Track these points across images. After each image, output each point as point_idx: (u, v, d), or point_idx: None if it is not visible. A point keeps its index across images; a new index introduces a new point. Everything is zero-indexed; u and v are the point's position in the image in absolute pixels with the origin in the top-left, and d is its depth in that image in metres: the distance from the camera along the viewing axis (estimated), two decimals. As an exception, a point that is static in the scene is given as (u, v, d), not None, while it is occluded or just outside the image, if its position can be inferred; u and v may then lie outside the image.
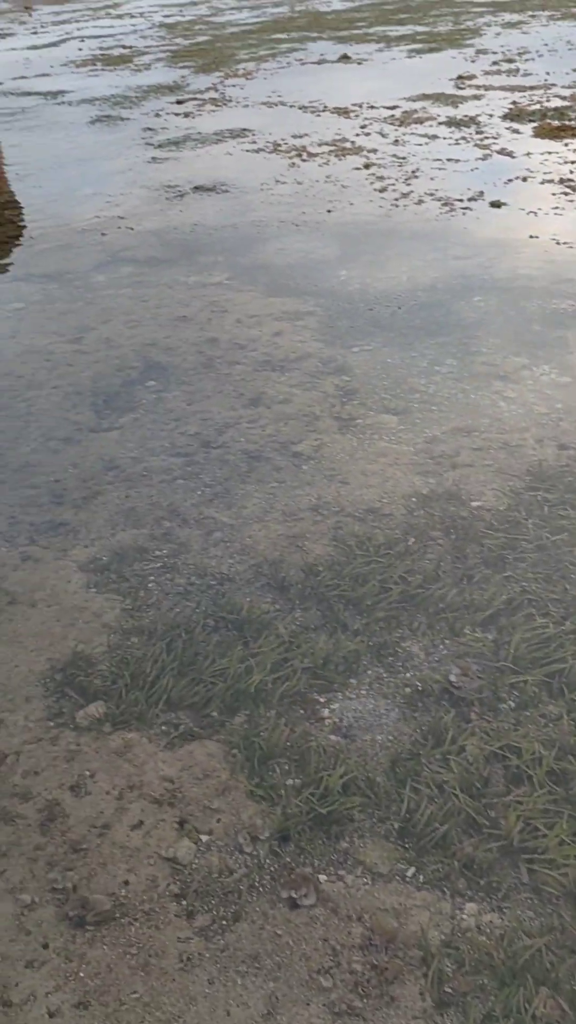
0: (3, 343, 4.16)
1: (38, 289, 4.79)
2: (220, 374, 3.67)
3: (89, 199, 6.32)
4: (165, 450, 3.18)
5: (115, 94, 10.44)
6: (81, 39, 17.00)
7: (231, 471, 3.02)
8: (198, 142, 7.70)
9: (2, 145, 8.41)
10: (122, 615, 2.43)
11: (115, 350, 3.97)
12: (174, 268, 4.87)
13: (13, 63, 14.37)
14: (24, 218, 6.07)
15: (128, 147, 7.78)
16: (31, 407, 3.57)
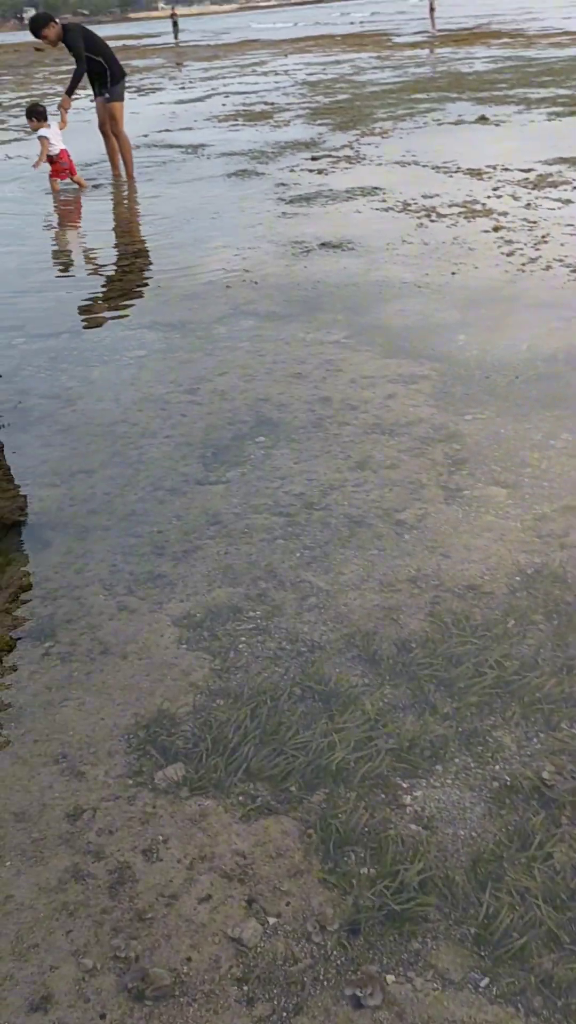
0: (123, 390, 4.27)
1: (161, 338, 4.91)
2: (329, 434, 3.66)
3: (218, 251, 6.48)
4: (268, 508, 3.18)
5: (253, 149, 10.74)
6: (226, 95, 17.63)
7: (332, 535, 3.00)
8: (329, 199, 7.83)
9: (141, 196, 8.74)
10: (210, 675, 2.41)
11: (229, 403, 4.02)
12: (293, 324, 4.92)
13: (160, 116, 15.00)
14: (155, 267, 6.26)
15: (260, 201, 7.97)
16: (143, 455, 3.63)
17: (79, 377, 4.47)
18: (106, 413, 4.04)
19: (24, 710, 2.35)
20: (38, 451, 3.74)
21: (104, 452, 3.68)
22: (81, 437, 3.83)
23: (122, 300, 5.68)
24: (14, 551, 3.11)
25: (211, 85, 20.44)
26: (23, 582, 2.89)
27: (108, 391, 4.27)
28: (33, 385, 4.41)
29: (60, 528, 3.19)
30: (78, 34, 8.99)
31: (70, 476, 3.52)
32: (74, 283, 6.22)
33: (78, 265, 6.78)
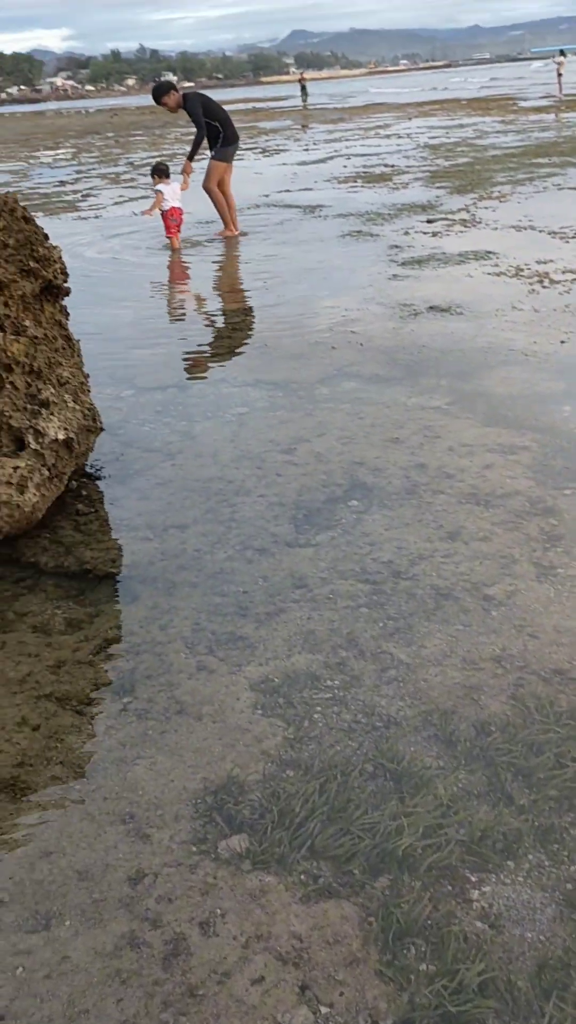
0: (222, 446, 4.34)
1: (264, 396, 4.98)
2: (423, 502, 3.63)
3: (326, 311, 6.56)
4: (355, 574, 3.16)
5: (369, 211, 10.89)
6: (347, 157, 17.98)
7: (417, 606, 2.95)
8: (441, 262, 7.85)
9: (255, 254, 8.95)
10: (283, 744, 2.39)
11: (324, 465, 4.03)
12: (395, 387, 4.93)
13: (281, 177, 15.38)
14: (263, 325, 6.38)
15: (373, 263, 8.06)
16: (235, 513, 3.67)
17: (181, 432, 4.57)
18: (204, 469, 4.10)
19: (97, 765, 2.37)
20: (135, 504, 3.82)
21: (198, 508, 3.74)
22: (177, 492, 3.90)
23: (229, 357, 5.80)
24: (104, 602, 3.17)
25: (334, 147, 20.91)
26: (109, 634, 2.94)
27: (208, 447, 4.35)
28: (137, 438, 4.53)
29: (149, 582, 3.24)
30: (196, 101, 9.47)
31: (163, 530, 3.58)
32: (184, 338, 6.39)
33: (189, 320, 6.96)
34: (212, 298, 7.61)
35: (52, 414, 3.62)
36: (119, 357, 5.90)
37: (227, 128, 9.64)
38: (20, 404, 3.57)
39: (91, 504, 3.86)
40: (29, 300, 3.75)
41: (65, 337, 3.96)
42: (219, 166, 9.74)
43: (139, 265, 9.08)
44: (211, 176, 9.70)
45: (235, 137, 9.78)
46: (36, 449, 3.53)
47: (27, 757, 2.41)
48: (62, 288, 3.94)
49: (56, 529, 3.66)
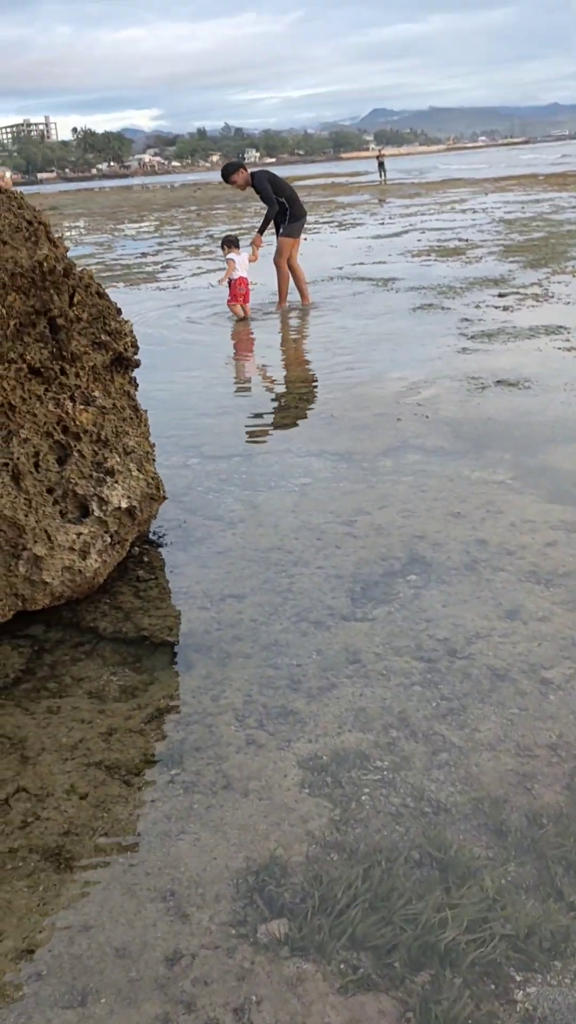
0: (283, 516, 4.37)
1: (328, 466, 5.02)
2: (482, 578, 3.59)
3: (393, 383, 6.61)
4: (410, 651, 3.12)
5: (442, 284, 11.01)
6: (422, 231, 18.25)
7: (472, 687, 2.90)
8: (511, 336, 7.87)
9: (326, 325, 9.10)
10: (328, 825, 2.35)
11: (384, 538, 4.02)
12: (459, 461, 4.91)
13: (356, 250, 15.68)
14: (330, 396, 6.45)
15: (442, 336, 8.12)
16: (292, 584, 3.68)
17: (244, 500, 4.62)
18: (264, 538, 4.13)
19: (142, 838, 2.36)
20: (194, 572, 3.86)
21: (256, 578, 3.75)
22: (236, 561, 3.93)
23: (295, 427, 5.86)
24: (159, 670, 3.19)
25: (409, 221, 21.27)
26: (161, 703, 2.95)
27: (269, 516, 4.38)
28: (200, 506, 4.59)
29: (204, 651, 3.25)
30: (264, 178, 9.92)
31: (220, 600, 3.60)
32: (252, 407, 6.49)
33: (257, 390, 7.09)
34: (280, 368, 7.74)
35: (117, 482, 3.70)
36: (187, 425, 6.02)
37: (293, 205, 10.03)
38: (87, 472, 3.66)
39: (152, 571, 3.91)
40: (100, 371, 3.87)
41: (133, 407, 4.06)
42: (288, 242, 10.12)
43: (212, 334, 9.31)
44: (282, 253, 10.05)
45: (302, 213, 10.16)
46: (100, 516, 3.61)
47: (73, 826, 2.42)
48: (132, 360, 4.05)
49: (116, 595, 3.71)
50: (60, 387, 3.69)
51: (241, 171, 10.00)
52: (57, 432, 3.65)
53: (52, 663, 3.27)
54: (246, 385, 7.29)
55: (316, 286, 11.81)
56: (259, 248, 10.10)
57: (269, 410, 6.43)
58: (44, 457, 3.59)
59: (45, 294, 3.58)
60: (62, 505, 3.59)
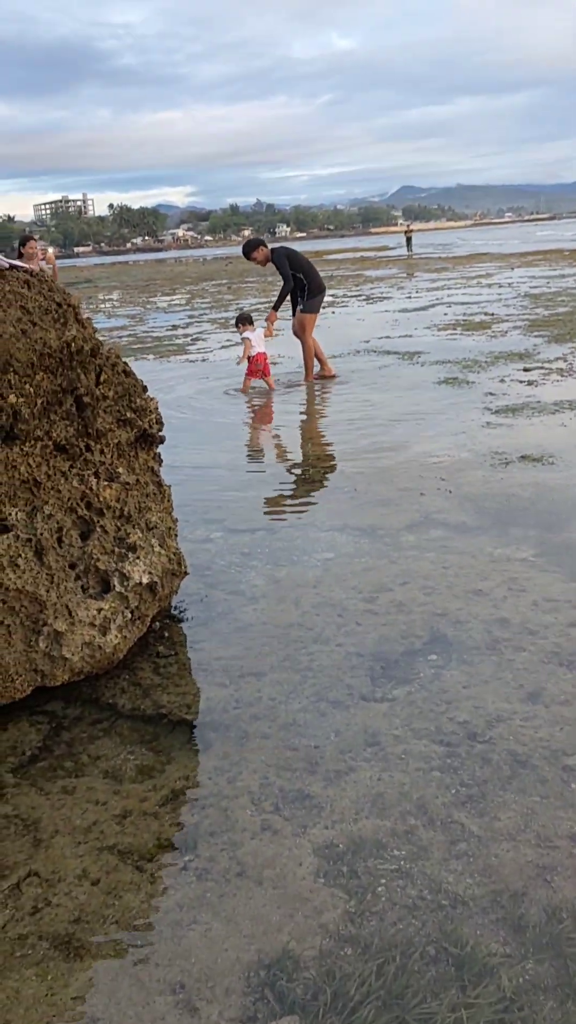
0: (304, 592, 4.36)
1: (350, 541, 5.02)
2: (503, 659, 3.55)
3: (418, 458, 6.64)
4: (430, 734, 3.08)
5: (467, 358, 11.11)
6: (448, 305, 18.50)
7: (492, 772, 2.84)
8: (535, 410, 7.90)
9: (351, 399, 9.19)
10: (343, 917, 2.30)
11: (405, 615, 4.00)
12: (482, 537, 4.90)
13: (383, 323, 15.91)
14: (354, 470, 6.49)
15: (466, 410, 8.17)
16: (312, 662, 3.66)
17: (266, 575, 4.62)
18: (285, 614, 4.12)
19: (153, 927, 2.32)
20: (214, 648, 3.86)
21: (276, 655, 3.74)
22: (257, 637, 3.92)
23: (319, 501, 5.89)
24: (176, 749, 3.17)
25: (436, 295, 21.59)
26: (177, 785, 2.92)
27: (291, 592, 4.38)
28: (222, 580, 4.60)
29: (222, 730, 3.23)
30: (283, 255, 10.26)
31: (240, 677, 3.59)
32: (276, 480, 6.54)
33: (282, 463, 7.15)
34: (305, 441, 7.81)
35: (138, 558, 3.73)
36: (212, 498, 6.07)
37: (312, 280, 10.31)
38: (108, 547, 3.70)
39: (172, 646, 3.91)
40: (124, 448, 3.93)
41: (156, 483, 4.11)
42: (310, 317, 10.38)
43: (238, 408, 9.43)
44: (306, 327, 10.29)
45: (320, 288, 10.43)
46: (121, 592, 3.63)
47: (84, 913, 2.38)
48: (156, 437, 4.11)
49: (136, 670, 3.71)
50: (85, 463, 3.75)
51: (261, 248, 10.41)
52: (81, 508, 3.69)
53: (70, 740, 3.26)
54: (270, 458, 7.35)
55: (342, 359, 11.97)
56: (274, 324, 10.38)
57: (293, 483, 6.47)
58: (67, 532, 3.63)
59: (72, 373, 3.66)
60: (84, 580, 3.61)
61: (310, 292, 10.32)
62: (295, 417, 8.90)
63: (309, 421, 8.64)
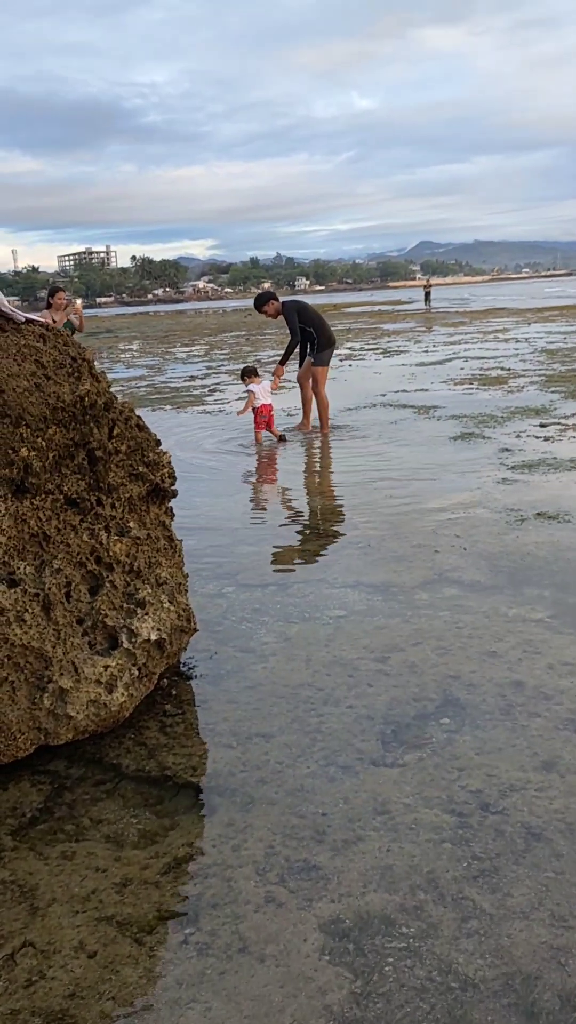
0: (316, 650, 4.30)
1: (363, 599, 4.96)
2: (517, 724, 3.46)
3: (432, 513, 6.60)
4: (441, 803, 2.99)
5: (483, 413, 11.12)
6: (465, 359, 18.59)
7: (505, 846, 2.75)
8: (552, 467, 7.86)
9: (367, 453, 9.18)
10: (348, 999, 2.20)
11: (417, 677, 3.93)
12: (496, 596, 4.84)
13: (399, 377, 15.99)
14: (368, 525, 6.45)
15: (482, 466, 8.14)
16: (322, 724, 3.58)
17: (277, 632, 4.56)
18: (295, 673, 4.06)
19: (150, 1005, 2.23)
20: (222, 707, 3.79)
21: (285, 716, 3.67)
22: (266, 697, 3.85)
23: (332, 556, 5.84)
24: (180, 813, 3.09)
25: (453, 349, 21.72)
26: (180, 852, 2.84)
27: (301, 650, 4.31)
28: (233, 636, 4.54)
29: (228, 794, 3.15)
30: (292, 309, 10.44)
31: (247, 739, 3.51)
32: (290, 534, 6.51)
33: (296, 517, 7.11)
34: (319, 495, 7.79)
35: (147, 614, 3.68)
36: (225, 552, 6.03)
37: (322, 333, 10.48)
38: (117, 603, 3.66)
39: (179, 705, 3.84)
40: (136, 502, 3.91)
41: (168, 538, 4.08)
42: (321, 370, 10.53)
43: (254, 460, 9.44)
44: (319, 381, 10.47)
45: (330, 342, 10.60)
46: (129, 648, 3.58)
47: (79, 988, 2.30)
48: (168, 491, 4.09)
49: (142, 729, 3.65)
50: (96, 518, 3.73)
51: (272, 302, 10.62)
52: (90, 562, 3.66)
53: (71, 802, 3.19)
54: (283, 511, 7.32)
55: (358, 412, 12.01)
56: (280, 378, 10.59)
57: (306, 538, 6.43)
58: (76, 587, 3.59)
59: (85, 427, 3.66)
60: (91, 636, 3.57)
61: (320, 345, 10.50)
62: (309, 470, 8.89)
63: (323, 474, 8.62)
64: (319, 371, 10.54)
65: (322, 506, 7.35)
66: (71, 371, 3.67)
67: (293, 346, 10.51)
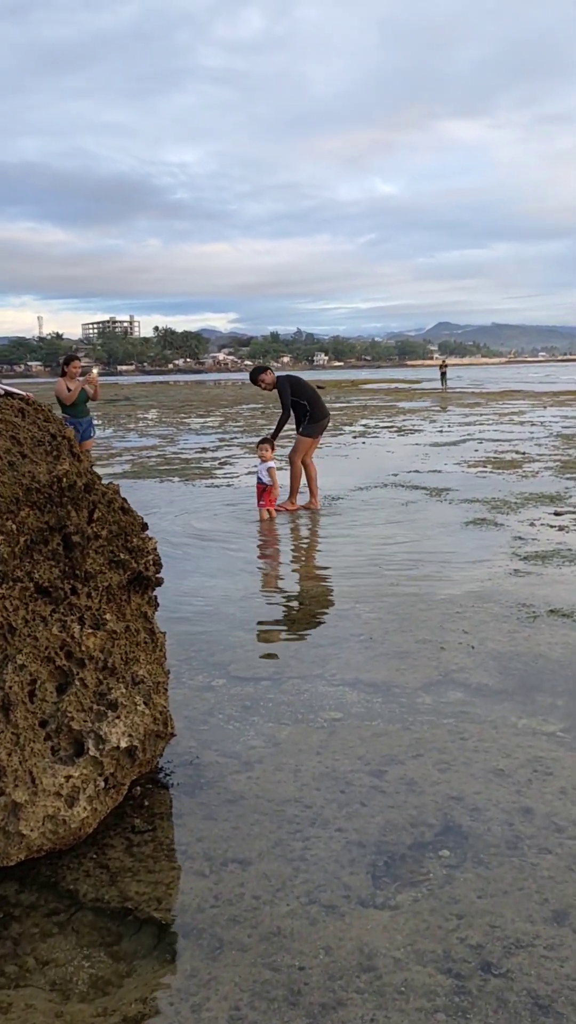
0: (306, 759, 3.94)
1: (361, 699, 4.60)
2: (526, 862, 3.08)
3: (439, 605, 6.26)
4: (436, 960, 2.60)
5: (496, 498, 10.84)
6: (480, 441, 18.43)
7: (508, 1019, 2.36)
8: (566, 559, 7.53)
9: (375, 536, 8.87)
10: None
11: (415, 796, 3.55)
12: (505, 703, 4.47)
13: (412, 456, 15.79)
14: (372, 615, 6.11)
15: (493, 554, 7.81)
16: (306, 851, 3.20)
17: (266, 735, 4.20)
18: (281, 786, 3.69)
19: None
20: (198, 824, 3.42)
21: (266, 838, 3.29)
22: (247, 813, 3.48)
23: (332, 648, 5.49)
24: (139, 957, 2.71)
25: (468, 430, 21.57)
26: (131, 1010, 2.46)
27: (291, 758, 3.95)
28: (217, 738, 4.18)
29: (194, 935, 2.77)
30: (286, 383, 10.61)
31: (222, 865, 3.14)
32: (289, 621, 6.17)
33: (300, 602, 6.77)
34: (322, 580, 7.45)
35: (119, 717, 3.34)
36: (218, 639, 5.70)
37: (315, 406, 10.66)
38: (86, 704, 3.32)
39: (150, 819, 3.47)
40: (115, 591, 3.60)
41: (149, 631, 3.76)
42: (306, 441, 10.67)
43: (255, 538, 9.15)
44: (298, 450, 10.62)
45: (323, 415, 10.76)
46: (95, 756, 3.23)
47: None
48: (152, 579, 3.79)
49: (106, 848, 3.28)
50: (69, 608, 3.42)
51: (268, 373, 10.84)
52: (60, 657, 3.34)
53: (18, 936, 2.81)
54: (284, 595, 6.99)
55: (368, 492, 11.75)
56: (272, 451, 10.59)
57: (306, 626, 6.08)
58: (42, 685, 3.27)
59: (62, 510, 3.37)
60: (55, 741, 3.23)
61: (312, 417, 10.66)
62: (313, 552, 8.58)
63: (328, 557, 8.29)
64: (305, 441, 10.71)
65: (324, 592, 7.01)
66: (49, 449, 3.41)
67: (284, 420, 10.68)
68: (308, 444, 10.71)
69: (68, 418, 12.02)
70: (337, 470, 14.22)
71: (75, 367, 12.10)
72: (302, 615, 6.39)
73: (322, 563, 8.10)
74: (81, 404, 12.04)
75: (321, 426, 10.83)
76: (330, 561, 8.07)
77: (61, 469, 3.35)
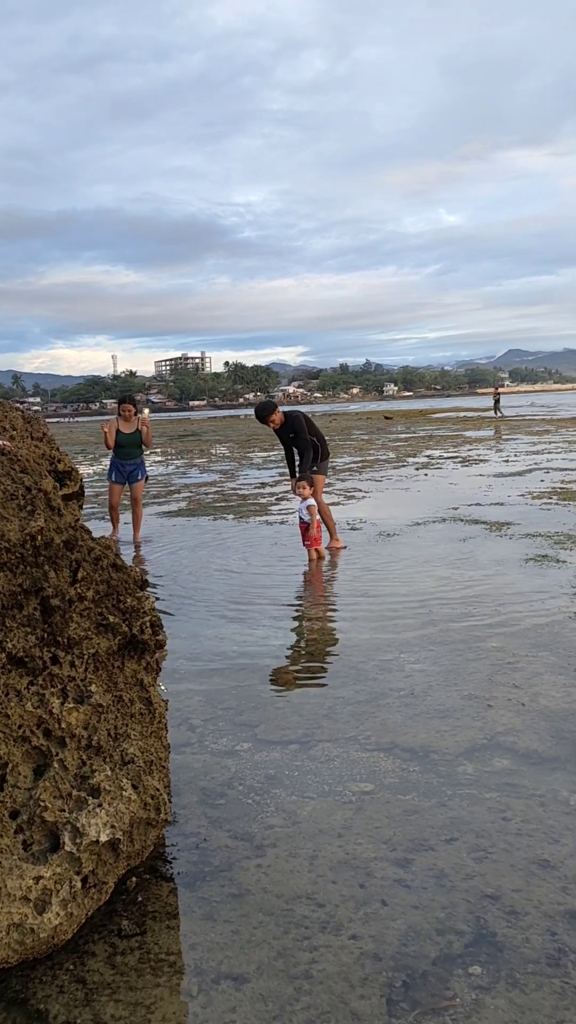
0: (326, 842, 3.50)
1: (396, 768, 4.14)
2: (569, 985, 2.58)
3: (490, 655, 5.75)
4: None
5: (560, 532, 10.27)
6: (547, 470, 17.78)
7: None
8: None
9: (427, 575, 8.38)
10: None
11: (445, 893, 3.08)
12: (557, 773, 3.96)
13: (475, 488, 15.25)
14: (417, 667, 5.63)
15: (554, 595, 7.26)
16: (313, 964, 2.76)
17: (287, 812, 3.77)
18: (293, 878, 3.25)
19: None
20: (194, 926, 3.00)
21: (268, 947, 2.86)
22: (251, 913, 3.05)
23: (370, 705, 5.03)
24: None
25: (535, 460, 20.86)
26: None
27: (309, 841, 3.51)
28: (232, 815, 3.77)
29: (170, 1074, 2.35)
30: (300, 419, 10.27)
31: (214, 982, 2.71)
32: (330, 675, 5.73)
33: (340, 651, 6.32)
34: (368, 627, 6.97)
35: (100, 805, 2.96)
36: (248, 696, 5.30)
37: (324, 444, 10.52)
38: (64, 790, 2.95)
39: (140, 921, 3.07)
40: (103, 659, 3.24)
41: (145, 700, 3.38)
42: (321, 479, 10.41)
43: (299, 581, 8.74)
44: (318, 489, 10.21)
45: (327, 453, 10.62)
46: (71, 852, 2.85)
47: None
48: (150, 643, 3.42)
49: (86, 956, 2.88)
50: (49, 679, 3.07)
51: (277, 412, 10.34)
52: (36, 736, 2.98)
53: (-31, 1071, 2.43)
54: (324, 645, 6.54)
55: (425, 527, 11.27)
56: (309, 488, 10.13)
57: (344, 680, 5.62)
58: (15, 769, 2.91)
59: (38, 571, 3.03)
60: (27, 834, 2.86)
61: (323, 454, 10.46)
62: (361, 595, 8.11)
63: (376, 601, 7.80)
64: (322, 479, 10.50)
65: (368, 640, 6.53)
66: (23, 504, 3.07)
67: (310, 456, 10.14)
68: (322, 481, 10.54)
69: (114, 459, 11.83)
70: (396, 504, 13.76)
71: (127, 410, 11.86)
72: (341, 667, 5.93)
73: (369, 608, 7.62)
74: (128, 446, 11.79)
75: (327, 464, 10.76)
76: (378, 605, 7.59)
77: (34, 526, 3.01)
